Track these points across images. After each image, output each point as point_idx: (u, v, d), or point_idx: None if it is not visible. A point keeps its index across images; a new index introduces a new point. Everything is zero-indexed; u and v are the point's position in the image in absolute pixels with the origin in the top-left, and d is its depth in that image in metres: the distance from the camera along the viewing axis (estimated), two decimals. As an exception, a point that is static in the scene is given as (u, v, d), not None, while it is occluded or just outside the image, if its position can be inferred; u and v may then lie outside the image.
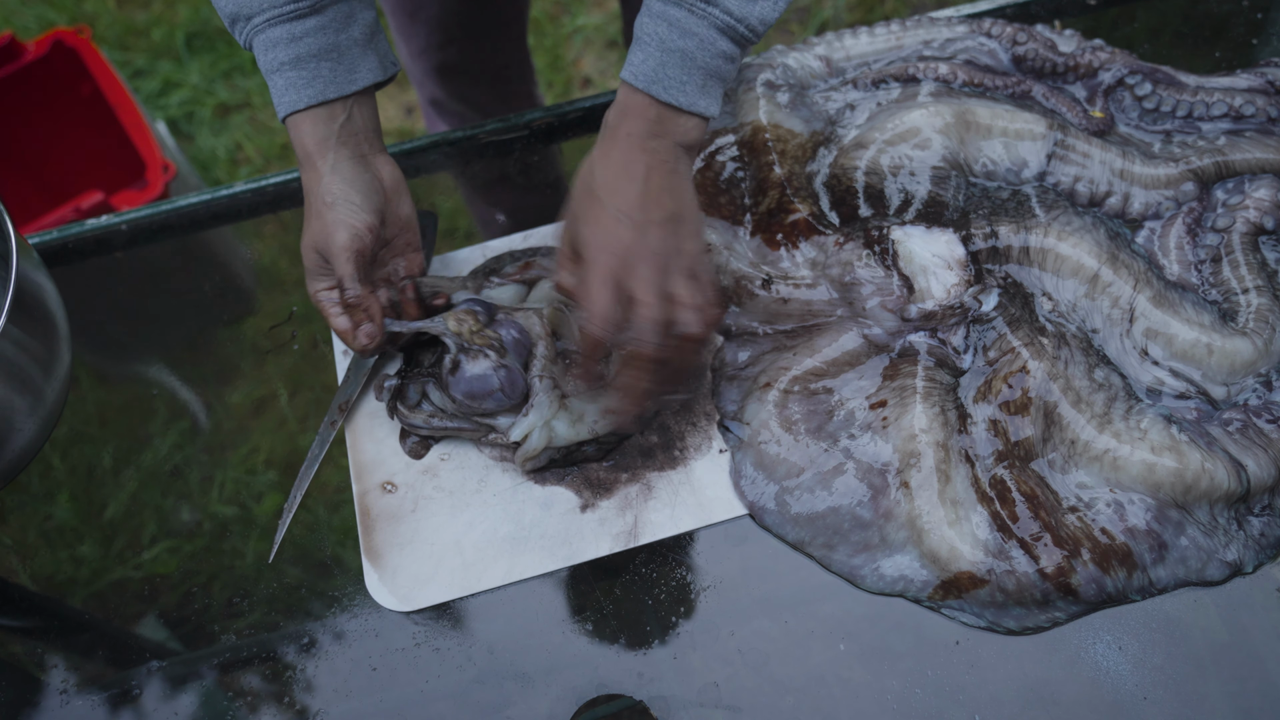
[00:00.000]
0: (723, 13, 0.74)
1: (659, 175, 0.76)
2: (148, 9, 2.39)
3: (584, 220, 0.76)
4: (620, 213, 0.75)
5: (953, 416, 0.80)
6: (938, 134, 0.92)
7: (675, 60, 0.75)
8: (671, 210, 0.76)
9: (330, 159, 0.82)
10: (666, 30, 0.75)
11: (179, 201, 1.08)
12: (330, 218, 0.82)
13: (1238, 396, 0.82)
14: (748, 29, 0.75)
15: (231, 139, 2.17)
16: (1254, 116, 0.95)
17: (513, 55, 1.45)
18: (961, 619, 0.76)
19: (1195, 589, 0.76)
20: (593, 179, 0.77)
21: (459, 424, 0.85)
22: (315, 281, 0.86)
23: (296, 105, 0.81)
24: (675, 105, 0.75)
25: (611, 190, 0.76)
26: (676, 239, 0.76)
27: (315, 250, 0.84)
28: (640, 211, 0.75)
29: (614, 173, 0.76)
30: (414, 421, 0.86)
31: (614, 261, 0.74)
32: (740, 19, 0.75)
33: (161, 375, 1.00)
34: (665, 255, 0.75)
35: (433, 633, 0.80)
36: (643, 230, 0.75)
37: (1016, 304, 0.84)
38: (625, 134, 0.76)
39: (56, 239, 1.07)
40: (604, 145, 0.78)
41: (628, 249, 0.74)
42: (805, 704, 0.74)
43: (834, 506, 0.79)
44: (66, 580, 0.88)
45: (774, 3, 0.76)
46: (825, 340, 0.85)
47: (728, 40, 0.75)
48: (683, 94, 0.75)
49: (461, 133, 1.08)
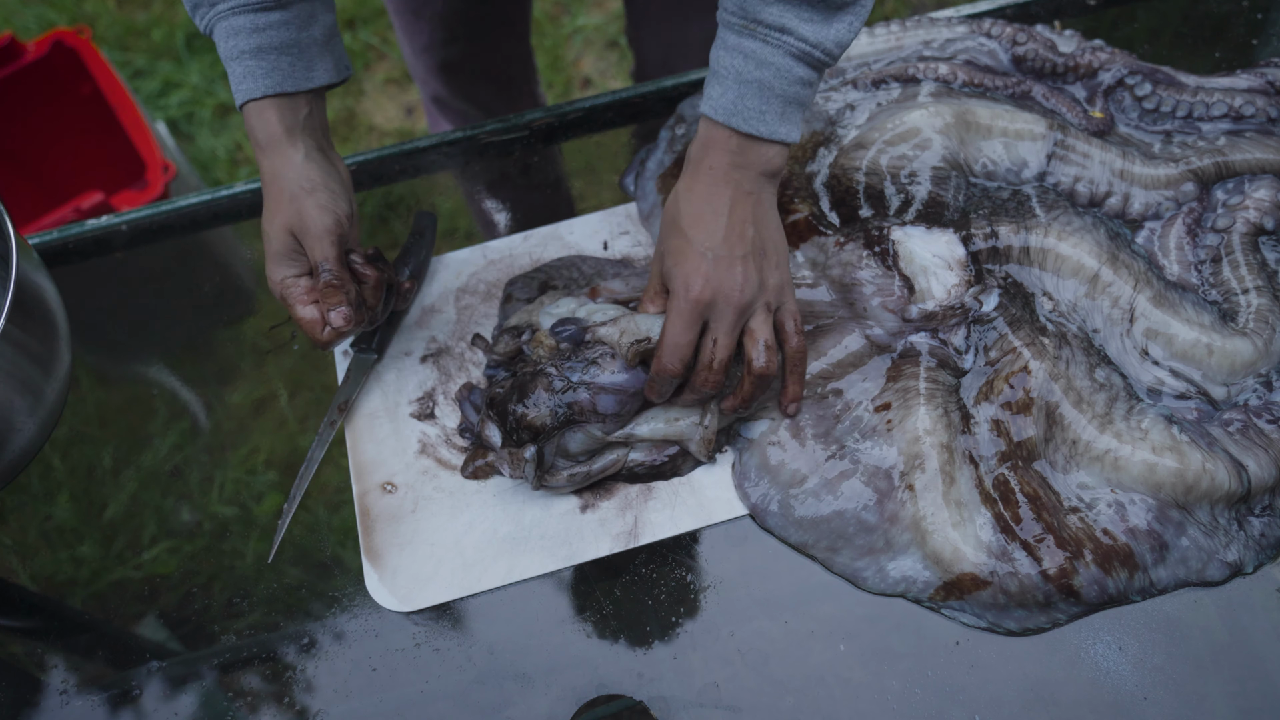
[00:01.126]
0: (798, 40, 0.74)
1: (743, 207, 0.77)
2: (148, 9, 2.39)
3: (670, 255, 0.78)
4: (705, 248, 0.76)
5: (956, 418, 0.80)
6: (938, 134, 0.92)
7: (753, 91, 0.75)
8: (756, 243, 0.77)
9: (302, 147, 0.82)
10: (742, 63, 0.75)
11: (179, 202, 1.08)
12: (311, 203, 0.81)
13: (1238, 397, 0.82)
14: (824, 53, 0.75)
15: (231, 139, 2.17)
16: (1254, 117, 0.95)
17: (515, 53, 1.46)
18: (962, 620, 0.76)
19: (1195, 589, 0.76)
20: (678, 213, 0.78)
21: (604, 462, 0.82)
22: (283, 268, 0.83)
23: (255, 93, 0.81)
24: (756, 135, 0.76)
25: (696, 224, 0.77)
26: (760, 273, 0.77)
27: (289, 233, 0.82)
28: (725, 246, 0.76)
29: (698, 207, 0.77)
30: (559, 484, 0.82)
31: (697, 297, 0.76)
32: (816, 44, 0.74)
33: (161, 375, 1.00)
34: (748, 292, 0.76)
35: (433, 633, 0.80)
36: (728, 266, 0.76)
37: (1017, 304, 0.84)
38: (708, 167, 0.77)
39: (56, 239, 1.07)
40: (688, 179, 0.79)
41: (714, 287, 0.76)
42: (805, 704, 0.74)
43: (840, 510, 0.79)
44: (66, 580, 0.88)
45: (849, 23, 0.75)
46: (829, 342, 0.85)
47: (804, 66, 0.75)
48: (763, 123, 0.76)
49: (461, 133, 1.08)
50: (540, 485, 0.81)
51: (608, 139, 1.09)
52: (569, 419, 0.80)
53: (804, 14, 0.73)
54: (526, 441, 0.80)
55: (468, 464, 0.86)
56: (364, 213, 1.08)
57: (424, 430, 0.89)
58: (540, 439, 0.80)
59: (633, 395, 0.80)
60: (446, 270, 0.98)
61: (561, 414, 0.80)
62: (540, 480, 0.81)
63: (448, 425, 0.89)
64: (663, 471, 0.83)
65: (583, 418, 0.80)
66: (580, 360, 0.81)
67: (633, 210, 1.00)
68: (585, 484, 0.83)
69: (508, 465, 0.81)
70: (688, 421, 0.82)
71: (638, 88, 1.10)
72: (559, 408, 0.79)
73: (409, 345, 0.94)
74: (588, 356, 0.81)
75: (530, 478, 0.80)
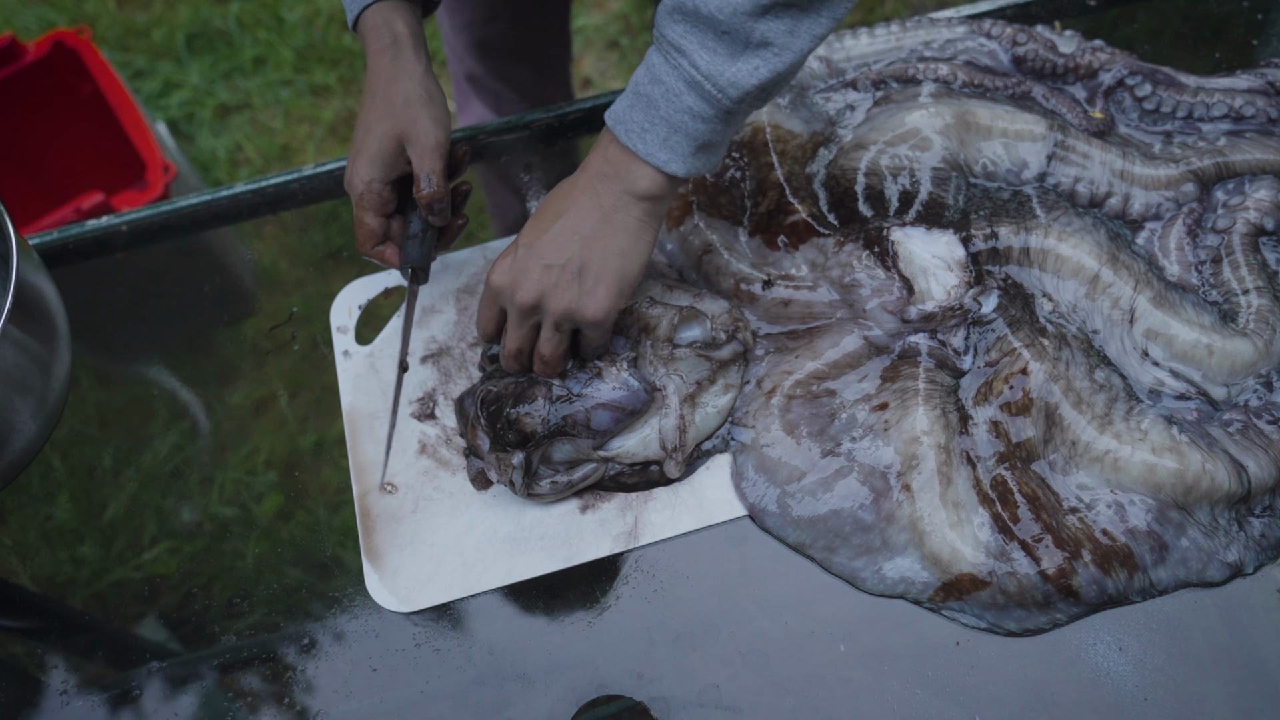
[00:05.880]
0: (690, 66, 0.70)
1: (581, 219, 0.75)
2: (148, 10, 2.39)
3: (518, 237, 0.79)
4: (523, 243, 0.77)
5: (954, 418, 0.80)
6: (938, 135, 0.92)
7: (641, 105, 0.73)
8: (573, 258, 0.75)
9: (423, 60, 0.81)
10: (643, 73, 0.73)
11: (179, 202, 1.08)
12: (427, 115, 0.80)
13: (1238, 397, 0.82)
14: (716, 88, 0.70)
15: (231, 139, 2.17)
16: (1254, 117, 0.95)
17: (555, 36, 1.44)
18: (962, 620, 0.76)
19: (1196, 590, 0.76)
20: (542, 203, 0.79)
21: (584, 471, 0.82)
22: (374, 169, 0.81)
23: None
24: (632, 150, 0.73)
25: (536, 219, 0.77)
26: (556, 288, 0.76)
27: (395, 139, 0.81)
28: (537, 249, 0.76)
29: (550, 203, 0.77)
30: (542, 491, 0.82)
31: (494, 284, 0.78)
32: (708, 76, 0.70)
33: (161, 376, 1.00)
34: (529, 297, 0.76)
35: (433, 633, 0.80)
36: (525, 268, 0.76)
37: (1017, 305, 0.84)
38: (583, 168, 0.77)
39: (57, 240, 1.07)
40: (572, 175, 0.78)
41: (508, 280, 0.77)
42: (805, 705, 0.74)
43: (836, 509, 0.79)
44: (67, 581, 0.88)
45: (754, 67, 0.70)
46: (827, 342, 0.85)
47: (695, 96, 0.71)
48: (641, 141, 0.73)
49: (461, 133, 1.08)
50: (525, 493, 0.81)
51: (608, 139, 1.09)
52: (560, 429, 0.80)
53: (707, 41, 0.69)
54: (515, 446, 0.80)
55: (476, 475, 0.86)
56: (364, 213, 1.08)
57: (424, 430, 0.89)
58: (529, 446, 0.80)
59: (630, 414, 0.80)
60: (447, 270, 0.98)
61: (554, 424, 0.80)
62: (526, 487, 0.81)
63: (448, 425, 0.89)
64: (650, 478, 0.83)
65: (574, 430, 0.80)
66: (586, 373, 0.81)
67: (633, 211, 1.00)
68: (567, 492, 0.83)
69: (495, 470, 0.81)
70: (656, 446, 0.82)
71: (638, 88, 1.10)
72: (552, 417, 0.80)
73: (409, 345, 0.94)
74: (593, 368, 0.81)
75: (517, 484, 0.80)
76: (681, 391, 0.82)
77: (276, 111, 2.19)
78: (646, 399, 0.81)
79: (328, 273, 1.03)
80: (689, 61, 0.70)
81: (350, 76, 2.23)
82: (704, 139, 0.73)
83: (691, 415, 0.82)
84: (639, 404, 0.80)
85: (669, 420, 0.81)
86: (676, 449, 0.82)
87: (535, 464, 0.81)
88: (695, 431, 0.83)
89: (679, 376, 0.82)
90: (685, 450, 0.82)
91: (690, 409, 0.82)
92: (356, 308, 0.98)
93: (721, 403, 0.84)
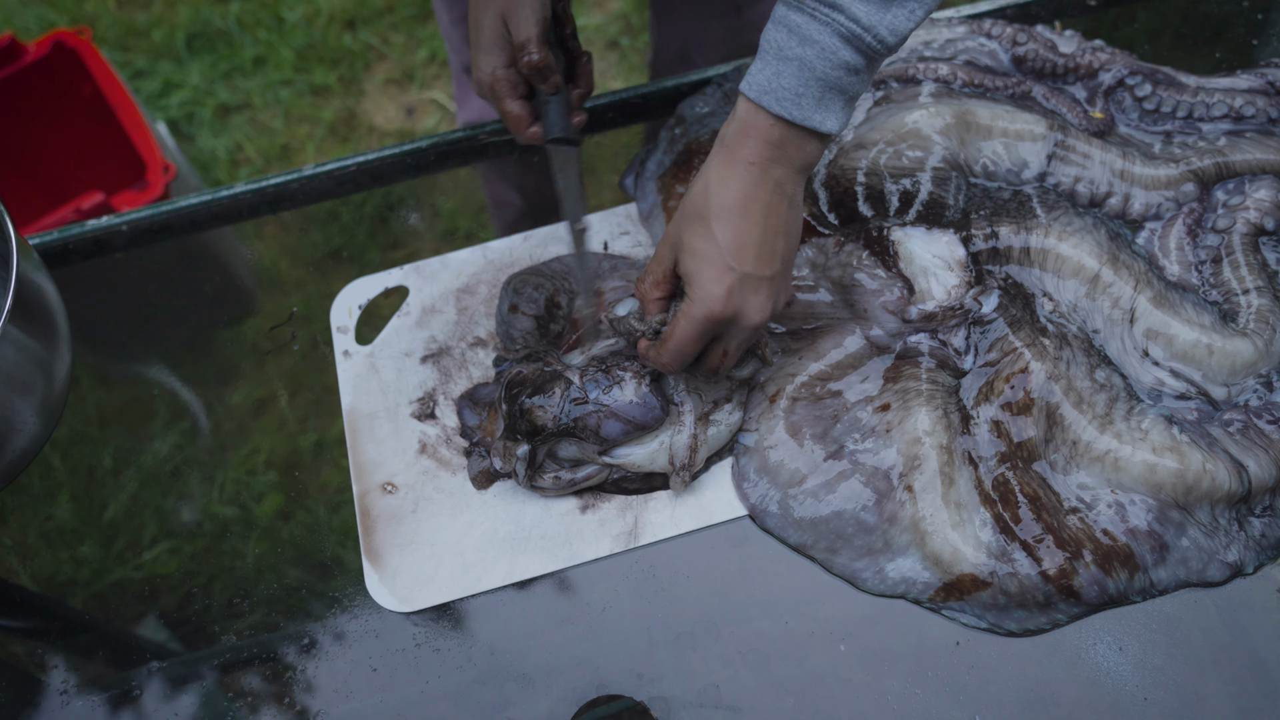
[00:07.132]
0: (848, 19, 0.67)
1: (778, 214, 0.72)
2: (148, 10, 2.39)
3: (692, 255, 0.72)
4: (734, 262, 0.71)
5: (955, 418, 0.80)
6: (938, 135, 0.92)
7: (791, 70, 0.69)
8: (785, 258, 0.73)
9: None
10: (785, 37, 0.69)
11: (179, 202, 1.08)
12: None
13: (1238, 397, 0.82)
14: (876, 39, 0.68)
15: (232, 139, 2.17)
16: (1254, 117, 0.95)
17: None
18: (962, 620, 0.76)
19: (1196, 590, 0.76)
20: (707, 206, 0.72)
21: (588, 471, 0.82)
22: (493, 56, 0.82)
23: None
24: (789, 119, 0.70)
25: (727, 227, 0.71)
26: (774, 299, 0.74)
27: (501, 19, 0.81)
28: (755, 264, 0.72)
29: (731, 205, 0.71)
30: (544, 485, 0.82)
31: (719, 315, 0.72)
32: (868, 27, 0.67)
33: (161, 376, 1.00)
34: (767, 317, 0.74)
35: (433, 633, 0.80)
36: (754, 288, 0.72)
37: (1017, 305, 0.84)
38: (746, 161, 0.71)
39: (57, 240, 1.07)
40: (722, 167, 0.72)
41: (736, 306, 0.72)
42: (805, 705, 0.74)
43: (838, 511, 0.79)
44: (67, 581, 0.88)
45: (909, 12, 0.68)
46: (829, 343, 0.85)
47: (852, 50, 0.68)
48: (797, 107, 0.69)
49: (461, 133, 1.08)
50: (528, 484, 0.82)
51: (608, 139, 1.09)
52: (568, 430, 0.80)
53: None
54: (524, 436, 0.80)
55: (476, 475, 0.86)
56: (364, 213, 1.08)
57: (424, 430, 0.89)
58: (536, 440, 0.80)
59: (640, 428, 0.80)
60: (447, 270, 0.98)
61: (564, 423, 0.80)
62: (529, 479, 0.81)
63: (448, 425, 0.89)
64: (652, 483, 0.83)
65: (583, 435, 0.80)
66: (607, 379, 0.80)
67: (633, 210, 1.00)
68: (569, 489, 0.83)
69: (500, 457, 0.81)
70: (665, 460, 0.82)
71: (638, 88, 1.10)
72: (565, 417, 0.79)
73: (409, 345, 0.94)
74: (615, 375, 0.80)
75: (520, 474, 0.81)
76: (698, 410, 0.81)
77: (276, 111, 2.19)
78: (661, 417, 0.80)
79: (328, 273, 1.03)
80: (846, 15, 0.68)
81: (350, 76, 2.23)
82: (854, 92, 0.71)
83: (704, 434, 0.82)
84: (651, 421, 0.80)
85: (682, 437, 0.81)
86: (685, 467, 0.81)
87: (541, 458, 0.81)
88: (706, 450, 0.82)
89: (698, 395, 0.82)
90: (694, 469, 0.82)
91: (704, 427, 0.82)
92: (356, 308, 0.98)
93: (734, 420, 0.83)
